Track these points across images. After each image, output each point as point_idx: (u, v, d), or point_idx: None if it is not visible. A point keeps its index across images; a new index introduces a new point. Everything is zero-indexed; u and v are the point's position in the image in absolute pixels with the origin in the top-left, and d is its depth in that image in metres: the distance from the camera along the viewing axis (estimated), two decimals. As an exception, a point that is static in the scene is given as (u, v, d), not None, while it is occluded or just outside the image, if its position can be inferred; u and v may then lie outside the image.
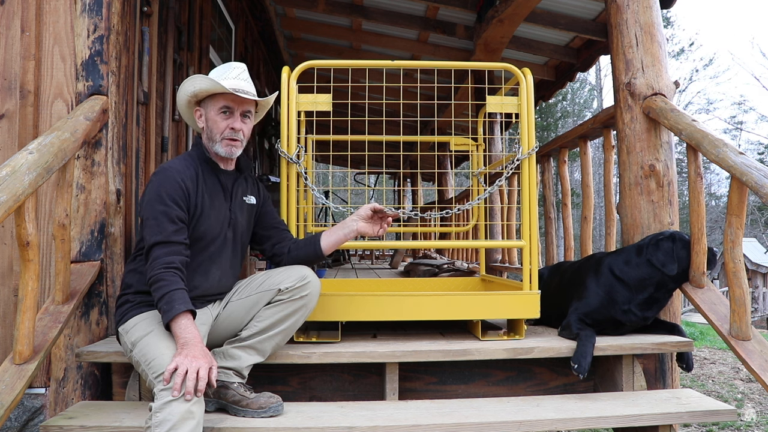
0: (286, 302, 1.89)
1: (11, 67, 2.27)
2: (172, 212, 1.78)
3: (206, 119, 1.95)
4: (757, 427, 3.65)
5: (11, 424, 2.18)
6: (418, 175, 11.06)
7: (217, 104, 1.92)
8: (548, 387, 2.26)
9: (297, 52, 7.70)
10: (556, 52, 5.58)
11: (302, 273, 1.93)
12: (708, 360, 5.69)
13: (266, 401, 1.81)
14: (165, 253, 1.72)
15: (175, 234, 1.76)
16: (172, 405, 1.49)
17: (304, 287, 1.90)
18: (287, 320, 1.90)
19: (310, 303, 1.94)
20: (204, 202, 1.90)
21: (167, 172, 1.84)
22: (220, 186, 1.97)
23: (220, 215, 1.94)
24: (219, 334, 1.93)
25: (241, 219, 2.03)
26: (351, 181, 11.85)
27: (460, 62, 3.39)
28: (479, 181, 2.92)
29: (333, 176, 7.79)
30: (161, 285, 1.68)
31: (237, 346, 1.87)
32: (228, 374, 1.84)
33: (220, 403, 1.85)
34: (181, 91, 1.95)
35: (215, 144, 1.94)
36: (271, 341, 1.90)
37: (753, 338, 2.01)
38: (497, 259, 5.03)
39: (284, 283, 1.89)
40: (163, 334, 1.69)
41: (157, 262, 1.71)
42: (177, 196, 1.80)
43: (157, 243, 1.73)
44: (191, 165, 1.91)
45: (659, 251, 2.25)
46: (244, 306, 1.92)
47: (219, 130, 1.92)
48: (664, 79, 2.56)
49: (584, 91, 30.49)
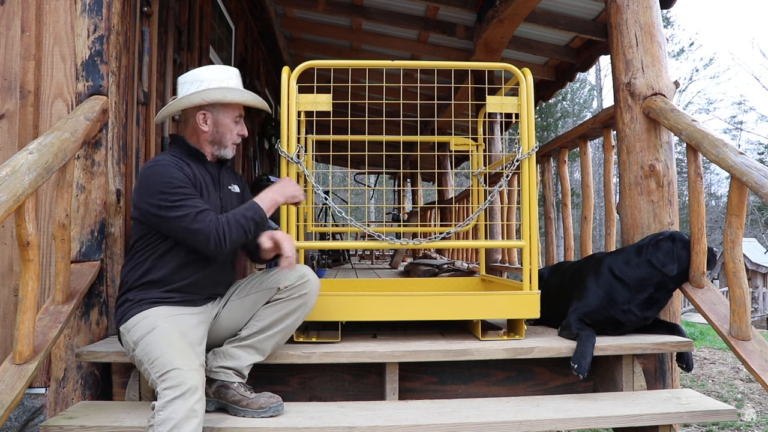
0: (286, 300, 1.89)
1: (11, 67, 2.27)
2: (188, 190, 1.79)
3: (216, 124, 1.96)
4: (757, 427, 3.65)
5: (11, 424, 2.18)
6: (418, 175, 11.06)
7: (233, 113, 1.98)
8: (548, 387, 2.26)
9: (297, 52, 7.70)
10: (556, 52, 5.58)
11: (301, 272, 1.93)
12: (708, 360, 5.69)
13: (266, 401, 1.81)
14: (210, 215, 1.78)
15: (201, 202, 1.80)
16: (176, 403, 1.50)
17: (303, 285, 1.91)
18: (287, 319, 1.90)
19: (309, 301, 1.94)
20: (198, 190, 1.90)
21: (162, 162, 1.83)
22: (210, 176, 1.98)
23: (212, 205, 1.94)
24: (219, 334, 1.93)
25: (229, 207, 2.03)
26: (351, 181, 11.85)
27: (460, 62, 3.39)
28: (479, 181, 2.92)
29: (333, 176, 7.76)
30: (232, 220, 1.80)
31: (237, 345, 1.88)
32: (228, 374, 1.84)
33: (220, 403, 1.85)
34: (189, 98, 1.91)
35: (223, 148, 1.99)
36: (271, 340, 1.90)
37: (753, 338, 2.01)
38: (497, 259, 5.03)
39: (283, 282, 1.90)
40: (165, 332, 1.69)
41: (212, 221, 1.77)
42: (183, 181, 1.80)
43: (198, 212, 1.76)
44: (178, 158, 1.91)
45: (659, 251, 2.25)
46: (243, 305, 1.93)
47: (232, 136, 1.99)
48: (664, 79, 2.56)
49: (584, 91, 30.48)
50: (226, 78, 1.98)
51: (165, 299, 1.82)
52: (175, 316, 1.77)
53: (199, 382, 1.59)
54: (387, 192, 8.59)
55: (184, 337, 1.71)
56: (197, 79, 1.94)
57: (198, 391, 1.56)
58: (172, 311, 1.79)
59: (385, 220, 9.58)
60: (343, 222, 2.36)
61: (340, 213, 2.27)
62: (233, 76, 2.00)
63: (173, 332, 1.70)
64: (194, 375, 1.59)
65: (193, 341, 1.72)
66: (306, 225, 2.50)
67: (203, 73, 1.96)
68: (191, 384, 1.56)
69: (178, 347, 1.65)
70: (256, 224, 1.85)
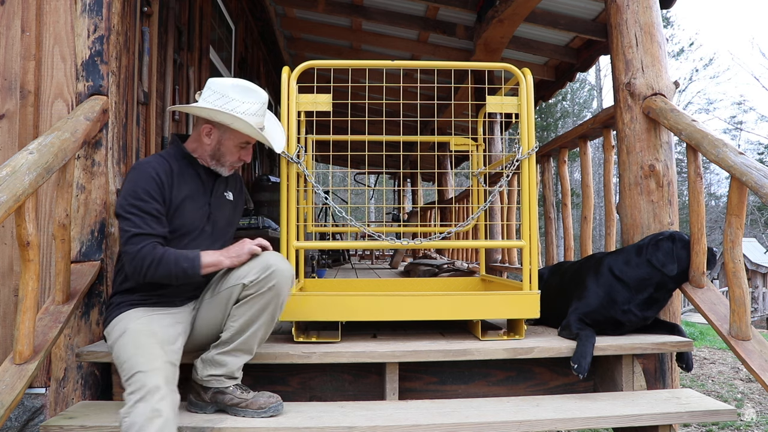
0: (255, 297, 1.80)
1: (11, 67, 2.27)
2: (149, 206, 1.79)
3: (219, 142, 1.95)
4: (756, 427, 3.65)
5: (11, 424, 2.18)
6: (418, 175, 11.06)
7: (240, 139, 1.95)
8: (548, 387, 2.26)
9: (297, 52, 7.70)
10: (556, 52, 5.58)
11: (265, 263, 1.81)
12: (708, 360, 5.69)
13: (266, 401, 1.80)
14: (150, 243, 1.76)
15: (154, 226, 1.79)
16: (138, 407, 1.48)
17: (268, 278, 1.79)
18: (261, 316, 1.82)
19: (280, 292, 1.82)
20: (179, 195, 1.89)
21: (141, 167, 1.86)
22: (199, 180, 1.97)
23: (197, 209, 1.93)
24: (203, 332, 1.90)
25: (220, 214, 2.02)
26: (351, 181, 11.85)
27: (460, 62, 3.39)
28: (479, 181, 2.92)
29: (333, 176, 7.77)
30: (166, 257, 1.74)
31: (221, 352, 1.83)
32: (220, 380, 1.82)
33: (218, 406, 1.85)
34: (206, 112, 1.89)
35: (220, 167, 1.98)
36: (254, 338, 1.84)
37: (753, 338, 2.01)
38: (497, 259, 5.03)
39: (248, 277, 1.80)
40: (133, 334, 1.68)
41: (146, 250, 1.74)
42: (152, 190, 1.81)
43: (138, 234, 1.75)
44: (167, 160, 1.92)
45: (659, 251, 2.25)
46: (217, 303, 1.87)
47: (232, 158, 1.98)
48: (663, 79, 2.56)
49: (584, 91, 30.48)
50: (250, 103, 1.90)
51: (142, 301, 1.83)
52: (147, 316, 1.77)
53: (162, 381, 1.54)
54: (387, 192, 8.59)
55: (152, 336, 1.68)
56: (222, 93, 1.89)
57: (159, 390, 1.52)
58: (146, 312, 1.79)
59: (385, 220, 9.58)
60: (343, 222, 2.35)
61: (340, 213, 2.27)
62: (257, 103, 1.93)
63: (142, 333, 1.68)
64: (156, 375, 1.55)
65: (163, 339, 1.69)
66: (306, 225, 2.50)
67: (231, 90, 1.90)
68: (152, 384, 1.52)
69: (144, 349, 1.63)
70: (185, 275, 1.77)
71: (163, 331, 1.73)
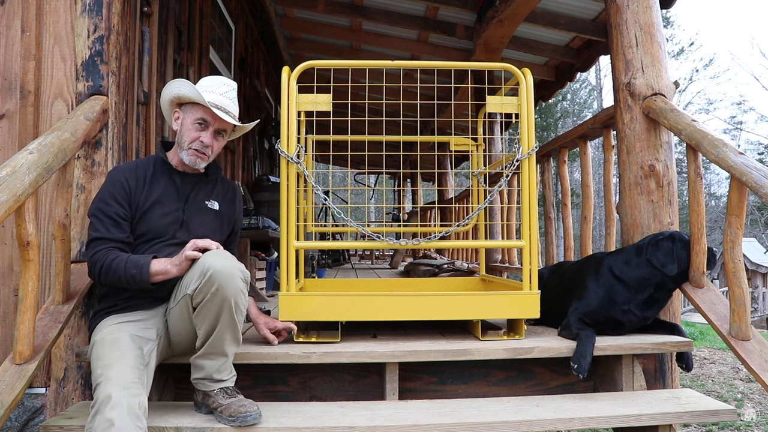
0: (204, 305, 1.73)
1: (11, 67, 2.27)
2: (110, 209, 1.85)
3: (181, 124, 2.01)
4: (756, 427, 3.65)
5: (11, 424, 2.18)
6: (418, 175, 11.06)
7: (195, 114, 1.97)
8: (548, 387, 2.26)
9: (297, 52, 7.70)
10: (556, 52, 5.58)
11: (202, 267, 1.72)
12: (708, 360, 5.70)
13: (236, 410, 1.72)
14: (104, 248, 1.81)
15: (113, 231, 1.83)
16: (94, 420, 1.49)
17: (208, 283, 1.70)
18: (219, 320, 1.75)
19: (227, 294, 1.71)
20: (149, 199, 1.91)
21: (113, 172, 1.95)
22: (173, 186, 1.98)
23: (166, 215, 1.93)
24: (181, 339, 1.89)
25: (198, 222, 2.00)
26: (351, 181, 11.85)
27: (460, 62, 3.39)
28: (479, 181, 2.92)
29: (333, 176, 7.76)
30: (116, 262, 1.77)
31: (197, 356, 1.81)
32: (204, 383, 1.81)
33: (208, 408, 1.83)
34: (166, 90, 2.03)
35: (182, 150, 1.98)
36: (220, 341, 1.78)
37: (753, 338, 2.01)
38: (497, 259, 5.03)
39: (190, 287, 1.75)
40: (99, 346, 1.69)
41: (99, 255, 1.79)
42: (117, 194, 1.87)
43: (96, 239, 1.82)
44: (142, 166, 1.97)
45: (659, 251, 2.25)
46: (179, 312, 1.85)
47: (189, 138, 1.97)
48: (663, 79, 2.56)
49: (584, 91, 30.47)
50: (217, 85, 1.99)
51: (112, 308, 1.85)
52: (115, 325, 1.77)
53: (114, 389, 1.52)
54: (387, 192, 8.59)
55: (114, 344, 1.68)
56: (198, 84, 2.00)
57: (110, 400, 1.50)
58: (114, 320, 1.80)
59: (385, 220, 9.59)
60: (342, 222, 2.35)
61: (340, 213, 2.26)
62: (217, 84, 1.99)
63: (105, 345, 1.69)
64: (108, 384, 1.54)
65: (125, 347, 1.67)
66: (306, 225, 2.50)
67: (204, 80, 2.02)
68: (104, 395, 1.51)
69: (102, 360, 1.63)
70: (134, 281, 1.77)
71: (127, 338, 1.71)
